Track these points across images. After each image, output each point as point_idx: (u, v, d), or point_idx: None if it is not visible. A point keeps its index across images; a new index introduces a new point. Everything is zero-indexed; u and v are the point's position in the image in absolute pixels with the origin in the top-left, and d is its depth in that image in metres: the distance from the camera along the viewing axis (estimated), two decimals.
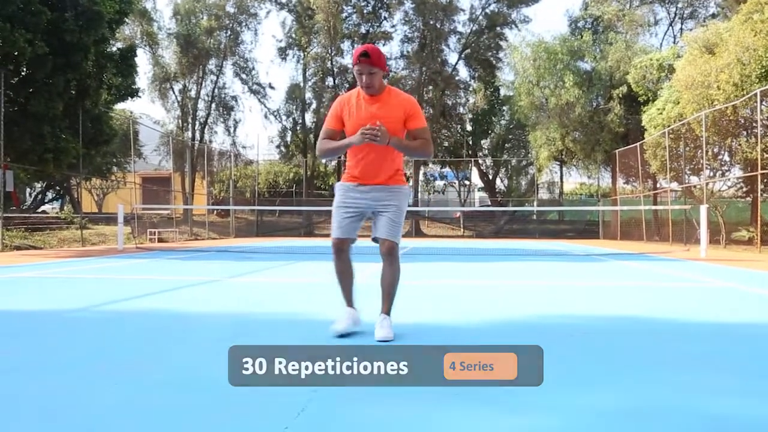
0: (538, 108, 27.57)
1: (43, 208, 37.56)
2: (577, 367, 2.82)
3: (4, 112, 13.42)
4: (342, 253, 3.67)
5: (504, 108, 35.36)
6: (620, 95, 24.72)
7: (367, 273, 8.05)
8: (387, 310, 3.61)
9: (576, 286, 6.53)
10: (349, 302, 3.73)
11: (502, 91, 34.84)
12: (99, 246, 16.84)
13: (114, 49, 17.26)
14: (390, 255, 3.57)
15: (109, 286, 6.48)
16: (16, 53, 12.94)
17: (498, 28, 33.23)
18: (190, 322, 4.02)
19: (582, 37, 26.74)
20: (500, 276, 7.83)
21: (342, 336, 3.49)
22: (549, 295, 5.70)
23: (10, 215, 17.63)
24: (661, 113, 19.97)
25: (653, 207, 21.45)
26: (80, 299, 5.27)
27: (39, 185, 35.91)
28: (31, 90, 14.18)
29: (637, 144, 22.35)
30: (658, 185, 23.55)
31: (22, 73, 14.26)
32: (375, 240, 3.61)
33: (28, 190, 36.82)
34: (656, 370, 2.79)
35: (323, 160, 5.17)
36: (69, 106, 14.87)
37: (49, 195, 39.32)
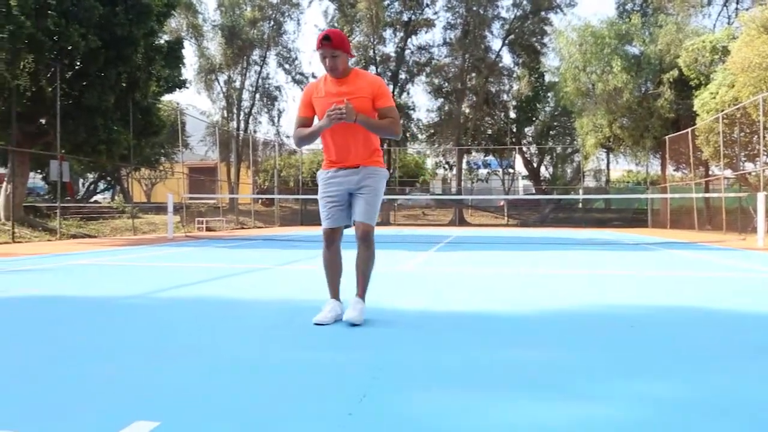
0: (584, 94, 26.94)
1: (95, 198, 38.75)
2: (636, 357, 2.76)
3: (59, 105, 13.88)
4: (332, 244, 3.71)
5: (549, 94, 34.72)
6: (671, 79, 23.94)
7: (418, 260, 8.06)
8: (361, 293, 3.64)
9: (628, 275, 6.39)
10: (335, 294, 3.74)
11: (547, 77, 34.21)
12: (149, 235, 17.28)
13: (162, 41, 17.60)
14: (365, 239, 3.58)
15: (162, 273, 6.64)
16: (70, 48, 13.33)
17: (543, 13, 32.58)
18: (246, 309, 4.10)
19: (630, 20, 25.96)
20: (547, 265, 7.72)
21: (319, 325, 3.47)
22: (600, 284, 5.60)
23: (66, 205, 18.26)
24: (714, 97, 19.28)
25: (705, 195, 20.79)
26: (137, 286, 5.42)
27: (91, 176, 37.07)
28: (84, 83, 14.59)
29: (689, 130, 21.66)
30: (710, 172, 22.79)
31: (76, 67, 14.68)
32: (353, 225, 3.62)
33: (81, 180, 38.05)
34: (717, 360, 2.71)
35: (301, 148, 5.18)
36: (120, 98, 15.26)
37: (101, 185, 40.55)
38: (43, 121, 15.17)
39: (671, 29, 24.59)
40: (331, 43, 3.27)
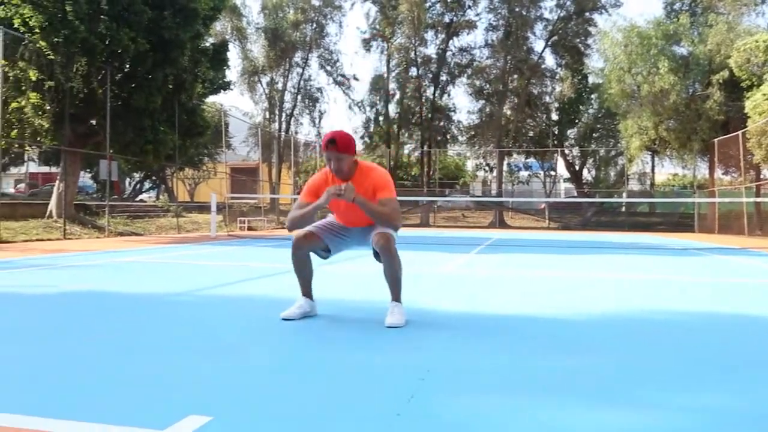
0: (629, 96, 26.42)
1: (140, 196, 39.76)
2: (687, 365, 2.69)
3: (109, 106, 14.30)
4: (300, 250, 3.68)
5: (592, 96, 34.17)
6: (720, 81, 23.28)
7: (459, 262, 8.03)
8: (395, 297, 3.68)
9: (677, 281, 6.24)
10: (304, 291, 3.81)
11: (591, 79, 33.65)
12: (193, 233, 17.63)
13: (208, 44, 17.95)
14: (387, 247, 3.52)
15: (208, 271, 6.77)
16: (120, 51, 13.71)
17: (587, 14, 32.07)
18: (289, 305, 4.13)
19: (678, 20, 25.34)
20: (591, 269, 7.59)
21: (287, 320, 3.59)
22: (649, 289, 5.48)
23: (114, 203, 18.78)
24: (767, 99, 18.68)
25: (757, 199, 20.13)
26: (183, 283, 5.55)
27: (137, 175, 38.05)
28: (133, 85, 14.98)
29: (740, 132, 21.02)
30: (762, 176, 22.07)
31: (125, 70, 15.09)
32: (376, 257, 3.66)
33: (127, 180, 39.09)
34: None
35: (292, 231, 5.13)
36: (166, 99, 15.62)
37: (147, 184, 41.57)
38: (93, 122, 15.64)
39: (722, 29, 23.90)
40: (336, 147, 3.38)
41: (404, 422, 1.88)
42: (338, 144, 3.38)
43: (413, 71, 33.08)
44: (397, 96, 33.86)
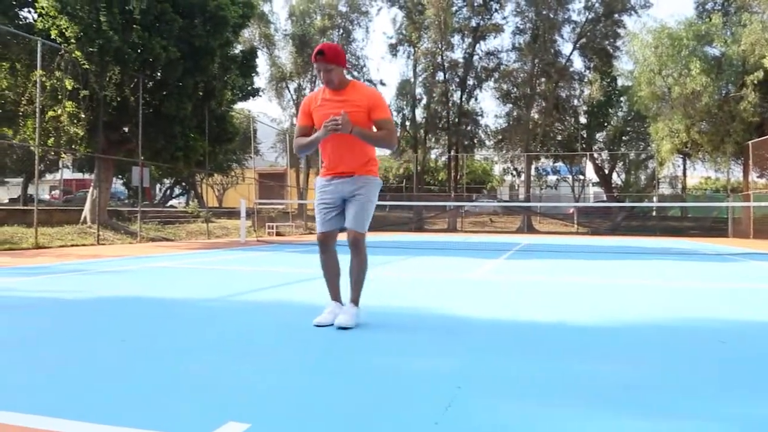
0: (659, 98, 26.00)
1: (170, 202, 40.34)
2: (725, 374, 2.63)
3: (141, 114, 14.56)
4: (327, 247, 3.77)
5: (622, 99, 33.70)
6: (755, 81, 22.76)
7: (487, 268, 7.98)
8: (354, 299, 3.71)
9: (711, 288, 6.11)
10: (334, 296, 3.82)
11: (620, 81, 33.20)
12: (223, 239, 17.83)
13: (237, 51, 18.16)
14: (355, 245, 3.62)
15: (239, 277, 6.84)
16: (152, 59, 13.96)
17: (616, 15, 31.67)
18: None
19: (710, 20, 24.87)
20: (623, 275, 7.48)
21: (320, 326, 3.60)
22: (683, 296, 5.37)
23: (145, 209, 19.09)
24: None
25: None
26: (216, 289, 5.61)
27: (167, 181, 38.63)
28: (164, 93, 15.24)
29: None
30: None
31: (157, 77, 15.36)
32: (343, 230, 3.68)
33: (158, 186, 39.71)
34: None
35: (300, 156, 5.50)
36: (196, 106, 15.85)
37: (176, 191, 42.18)
38: (126, 129, 15.94)
39: (756, 28, 23.39)
40: (324, 58, 3.41)
41: (442, 431, 1.87)
42: (327, 54, 3.41)
43: (440, 76, 33.03)
44: (424, 101, 33.83)
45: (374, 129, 3.59)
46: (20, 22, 14.23)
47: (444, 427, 1.90)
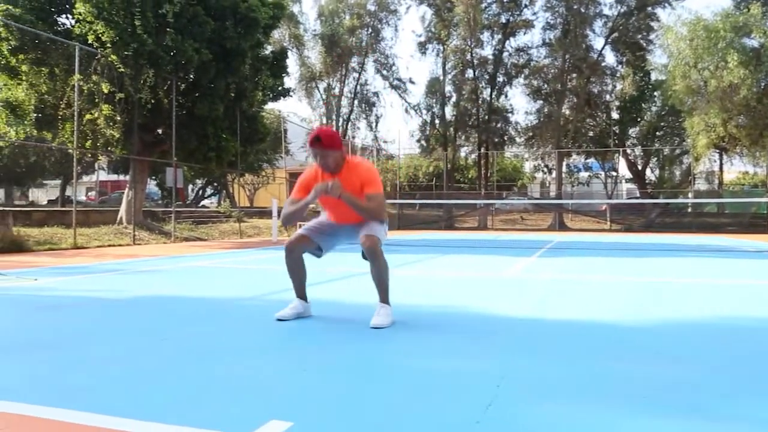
0: (695, 92, 25.44)
1: (203, 202, 40.92)
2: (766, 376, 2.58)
3: (174, 115, 14.81)
4: (292, 253, 3.91)
5: (655, 93, 33.06)
6: None
7: (520, 266, 7.92)
8: (383, 299, 3.78)
9: (752, 285, 5.96)
10: (299, 293, 3.99)
11: (654, 76, 32.55)
12: (255, 238, 18.02)
13: (267, 52, 18.33)
14: (372, 252, 3.67)
15: (273, 276, 6.91)
16: (184, 62, 14.18)
17: (649, 8, 31.04)
18: (358, 312, 4.17)
19: (749, 11, 24.23)
20: (659, 273, 7.35)
21: (280, 320, 3.79)
22: (722, 294, 5.26)
23: (179, 209, 19.41)
24: None
25: None
26: (252, 288, 5.68)
27: (199, 182, 39.18)
28: (196, 94, 15.46)
29: None
30: None
31: (189, 79, 15.60)
32: (364, 257, 3.77)
33: (190, 186, 40.32)
34: None
35: (287, 225, 5.57)
36: (228, 107, 16.04)
37: (208, 191, 42.76)
38: (160, 131, 16.22)
39: None
40: (321, 144, 3.54)
41: (484, 430, 1.87)
42: (323, 141, 3.54)
43: (469, 73, 32.85)
44: (454, 98, 33.70)
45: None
46: (59, 29, 14.57)
47: (485, 426, 1.90)
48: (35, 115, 14.37)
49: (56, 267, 7.94)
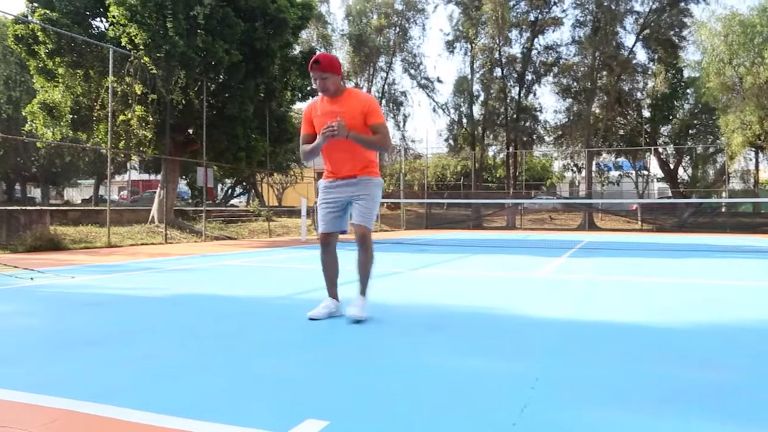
0: (729, 89, 24.95)
1: (232, 202, 41.37)
2: None
3: (205, 116, 15.01)
4: (328, 246, 4.01)
5: (688, 91, 32.48)
6: None
7: (551, 267, 7.84)
8: (362, 290, 3.90)
9: None
10: (331, 293, 4.03)
11: (686, 73, 32.02)
12: (284, 237, 18.16)
13: (296, 52, 18.46)
14: (363, 241, 3.82)
15: (304, 275, 6.96)
16: (215, 63, 14.37)
17: (682, 4, 30.49)
18: (391, 313, 4.19)
19: None
20: (695, 273, 7.22)
21: (313, 320, 3.82)
22: (764, 296, 5.15)
23: (209, 209, 19.66)
24: None
25: None
26: (284, 287, 5.74)
27: (228, 181, 39.62)
28: (227, 95, 15.66)
29: None
30: None
31: (219, 80, 15.79)
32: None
33: (219, 186, 40.80)
34: None
35: (307, 162, 5.78)
36: (257, 107, 16.21)
37: (237, 190, 43.22)
38: (190, 131, 16.45)
39: None
40: (320, 66, 3.61)
41: None
42: (322, 63, 3.61)
43: (497, 72, 32.64)
44: (482, 97, 33.53)
45: (370, 133, 3.75)
46: (93, 32, 14.89)
47: (522, 428, 1.90)
48: (71, 116, 14.70)
49: (92, 265, 8.12)
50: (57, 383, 2.40)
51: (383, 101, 35.47)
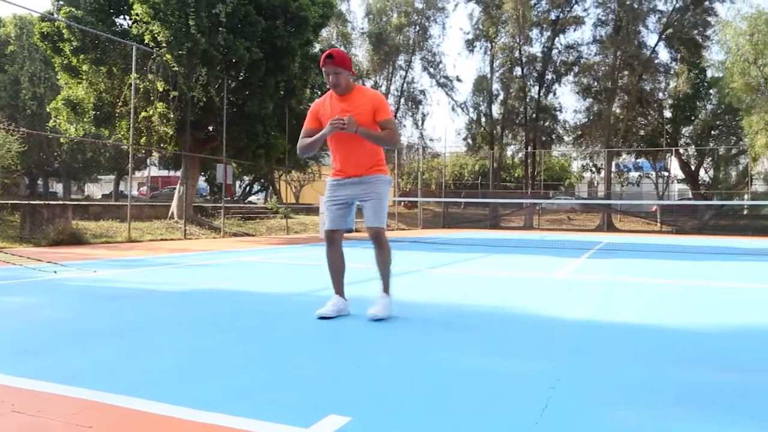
0: (754, 89, 24.58)
1: (249, 199, 41.61)
2: None
3: (225, 113, 15.12)
4: (333, 243, 4.00)
5: (711, 91, 32.03)
6: None
7: (570, 268, 7.79)
8: (384, 288, 3.91)
9: None
10: (338, 290, 4.01)
11: (710, 73, 31.56)
12: (301, 234, 18.24)
13: (316, 50, 18.51)
14: (378, 240, 3.84)
15: (320, 272, 6.97)
16: (235, 60, 14.46)
17: (706, 3, 30.07)
18: (409, 311, 4.20)
19: None
20: (717, 276, 7.13)
21: (323, 318, 3.78)
22: None
23: (228, 205, 19.80)
24: None
25: None
26: (303, 284, 5.78)
27: (247, 178, 39.86)
28: (247, 92, 15.76)
29: None
30: None
31: (240, 78, 15.89)
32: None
33: (237, 182, 41.05)
34: None
35: (303, 156, 5.60)
36: (277, 105, 16.29)
37: (255, 187, 43.45)
38: (211, 128, 16.58)
39: None
40: (333, 61, 3.62)
41: None
42: (335, 58, 3.62)
43: (517, 71, 32.48)
44: (501, 96, 33.39)
45: (378, 129, 3.76)
46: (117, 29, 15.07)
47: (544, 428, 1.90)
48: (93, 112, 14.89)
49: (113, 259, 8.22)
50: (80, 375, 2.44)
51: (402, 99, 35.46)
